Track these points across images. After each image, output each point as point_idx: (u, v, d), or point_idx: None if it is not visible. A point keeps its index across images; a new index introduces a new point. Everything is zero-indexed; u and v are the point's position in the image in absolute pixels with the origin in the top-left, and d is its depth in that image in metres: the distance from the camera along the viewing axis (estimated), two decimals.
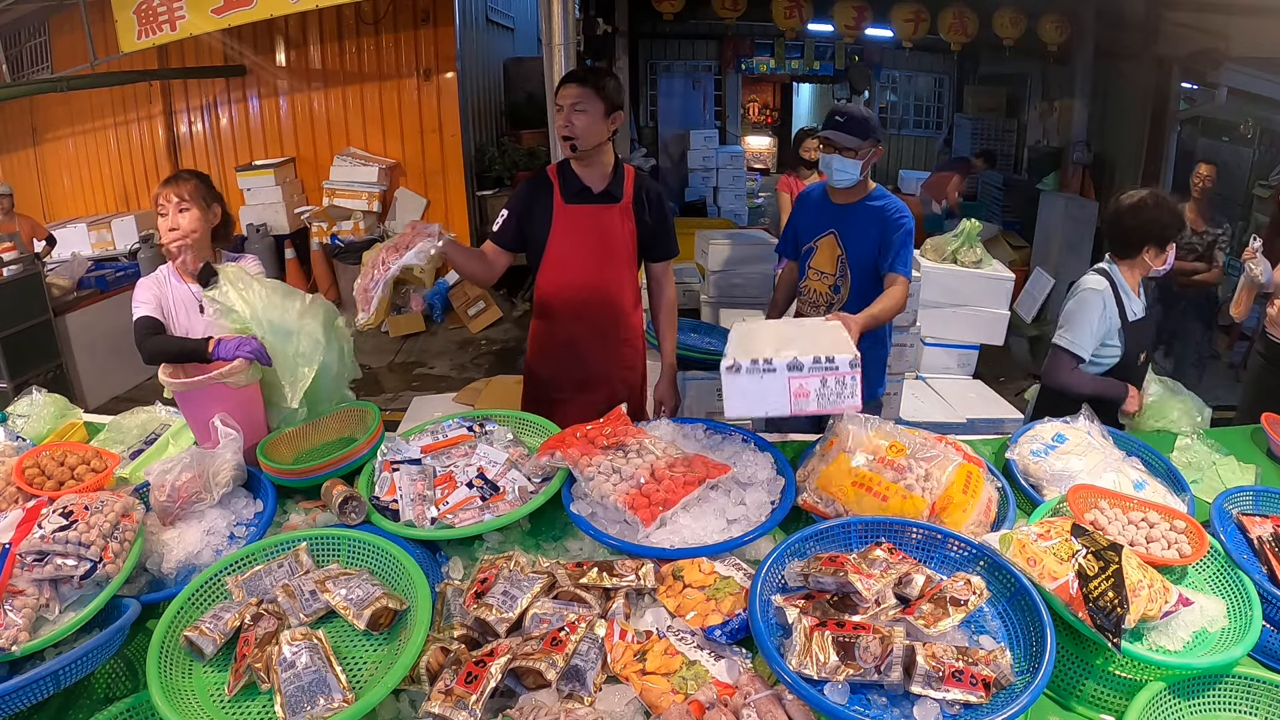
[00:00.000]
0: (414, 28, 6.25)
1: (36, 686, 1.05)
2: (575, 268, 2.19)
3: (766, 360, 1.51)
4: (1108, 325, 2.14)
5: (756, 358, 1.52)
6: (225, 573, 1.29)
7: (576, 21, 3.70)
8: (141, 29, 4.95)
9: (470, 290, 6.27)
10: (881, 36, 7.65)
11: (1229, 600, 1.24)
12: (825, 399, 1.51)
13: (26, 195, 6.58)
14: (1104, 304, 2.13)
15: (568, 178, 2.16)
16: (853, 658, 1.02)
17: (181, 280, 2.16)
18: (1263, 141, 5.58)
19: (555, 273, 2.20)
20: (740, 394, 1.54)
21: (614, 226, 2.18)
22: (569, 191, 2.15)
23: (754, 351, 1.57)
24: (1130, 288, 2.18)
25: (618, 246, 2.20)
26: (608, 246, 2.19)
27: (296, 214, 6.44)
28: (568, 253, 2.18)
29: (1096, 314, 2.12)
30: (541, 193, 2.17)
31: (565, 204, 2.15)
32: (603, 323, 2.25)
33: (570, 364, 2.26)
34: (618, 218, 2.18)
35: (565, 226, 2.16)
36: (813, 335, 1.70)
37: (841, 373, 1.49)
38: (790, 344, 1.61)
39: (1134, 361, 2.19)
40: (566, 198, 2.15)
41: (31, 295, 4.39)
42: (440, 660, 1.12)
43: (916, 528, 1.31)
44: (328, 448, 1.79)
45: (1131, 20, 6.17)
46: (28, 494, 1.43)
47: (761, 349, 1.58)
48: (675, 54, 9.53)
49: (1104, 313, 2.13)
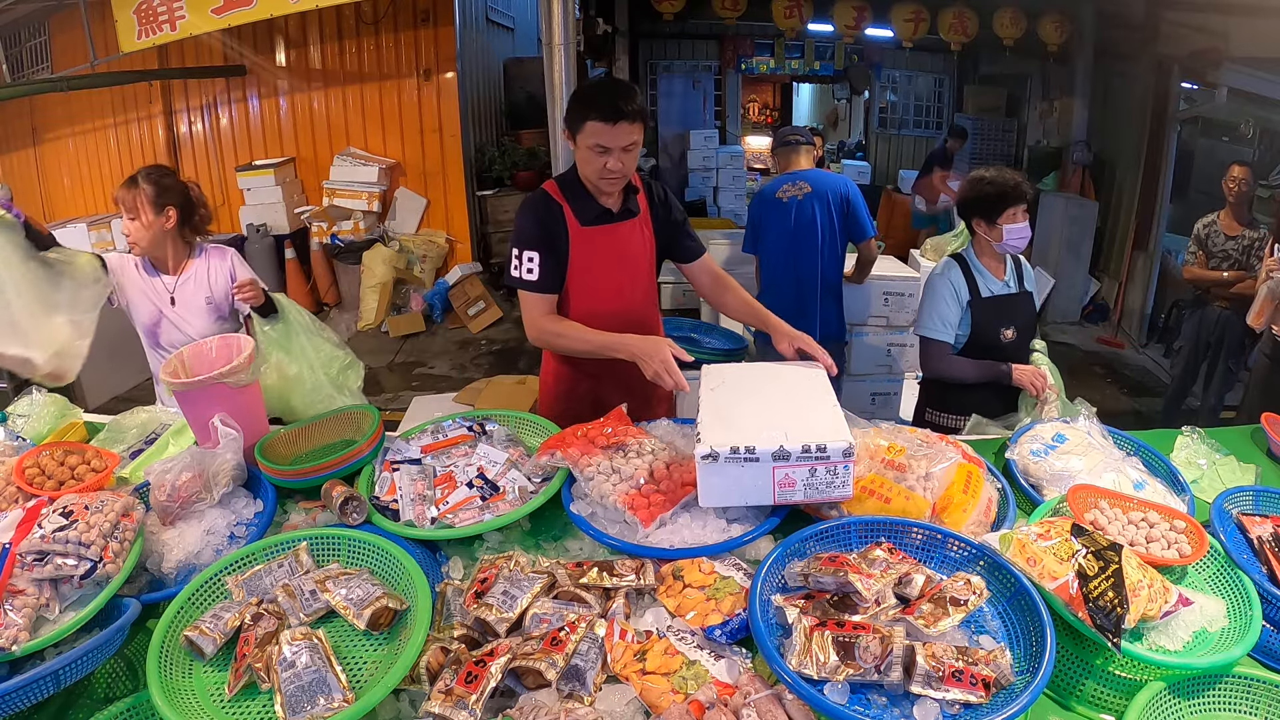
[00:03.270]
0: (414, 28, 6.25)
1: (36, 686, 1.05)
2: (599, 295, 1.97)
3: (749, 449, 1.32)
4: (960, 304, 2.23)
5: (737, 445, 1.32)
6: (225, 572, 1.29)
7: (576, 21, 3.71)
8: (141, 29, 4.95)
9: (470, 290, 6.27)
10: (881, 36, 7.65)
11: (1229, 600, 1.24)
12: (814, 489, 1.34)
13: (26, 195, 6.58)
14: (950, 285, 2.24)
15: (579, 199, 1.93)
16: (853, 658, 1.02)
17: (156, 272, 2.26)
18: (1263, 141, 5.58)
19: (577, 303, 1.98)
20: (718, 483, 1.35)
21: (635, 242, 2.01)
22: (585, 214, 1.93)
23: (733, 430, 1.37)
24: (985, 266, 2.27)
25: (641, 262, 2.03)
26: (632, 265, 2.01)
27: (296, 214, 6.43)
28: (590, 280, 1.97)
29: (941, 297, 2.24)
30: (553, 218, 1.93)
31: (582, 227, 1.93)
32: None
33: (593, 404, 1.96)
34: (638, 231, 2.01)
35: (586, 253, 1.95)
36: (799, 405, 1.49)
37: (833, 462, 1.32)
38: (774, 417, 1.41)
39: (995, 337, 2.24)
40: (583, 220, 1.93)
41: None
42: (440, 660, 1.12)
43: (916, 528, 1.31)
44: (328, 449, 1.79)
45: (1131, 20, 6.17)
46: (28, 494, 1.43)
47: (741, 428, 1.38)
48: (675, 54, 9.53)
49: (951, 293, 2.23)
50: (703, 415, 1.46)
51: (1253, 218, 3.90)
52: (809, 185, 3.26)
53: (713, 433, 1.37)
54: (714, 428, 1.39)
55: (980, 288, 2.24)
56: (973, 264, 2.27)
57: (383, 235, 6.42)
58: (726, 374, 1.66)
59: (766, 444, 1.32)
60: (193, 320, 2.29)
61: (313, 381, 2.15)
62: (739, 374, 1.68)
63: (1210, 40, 5.25)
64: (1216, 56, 5.19)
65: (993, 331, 2.24)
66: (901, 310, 3.65)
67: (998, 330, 2.24)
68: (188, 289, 2.30)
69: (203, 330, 2.27)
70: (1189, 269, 4.01)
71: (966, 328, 2.25)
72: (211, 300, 2.32)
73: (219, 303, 2.33)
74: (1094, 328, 6.39)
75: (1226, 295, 3.90)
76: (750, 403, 1.51)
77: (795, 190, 3.27)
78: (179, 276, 2.30)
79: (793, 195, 3.26)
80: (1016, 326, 2.26)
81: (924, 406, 2.45)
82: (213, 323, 2.32)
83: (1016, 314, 2.28)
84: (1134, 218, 6.21)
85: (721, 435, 1.35)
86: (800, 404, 1.50)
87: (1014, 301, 2.29)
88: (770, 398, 1.53)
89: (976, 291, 2.24)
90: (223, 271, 2.34)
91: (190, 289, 2.30)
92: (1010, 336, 2.25)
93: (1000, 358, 2.21)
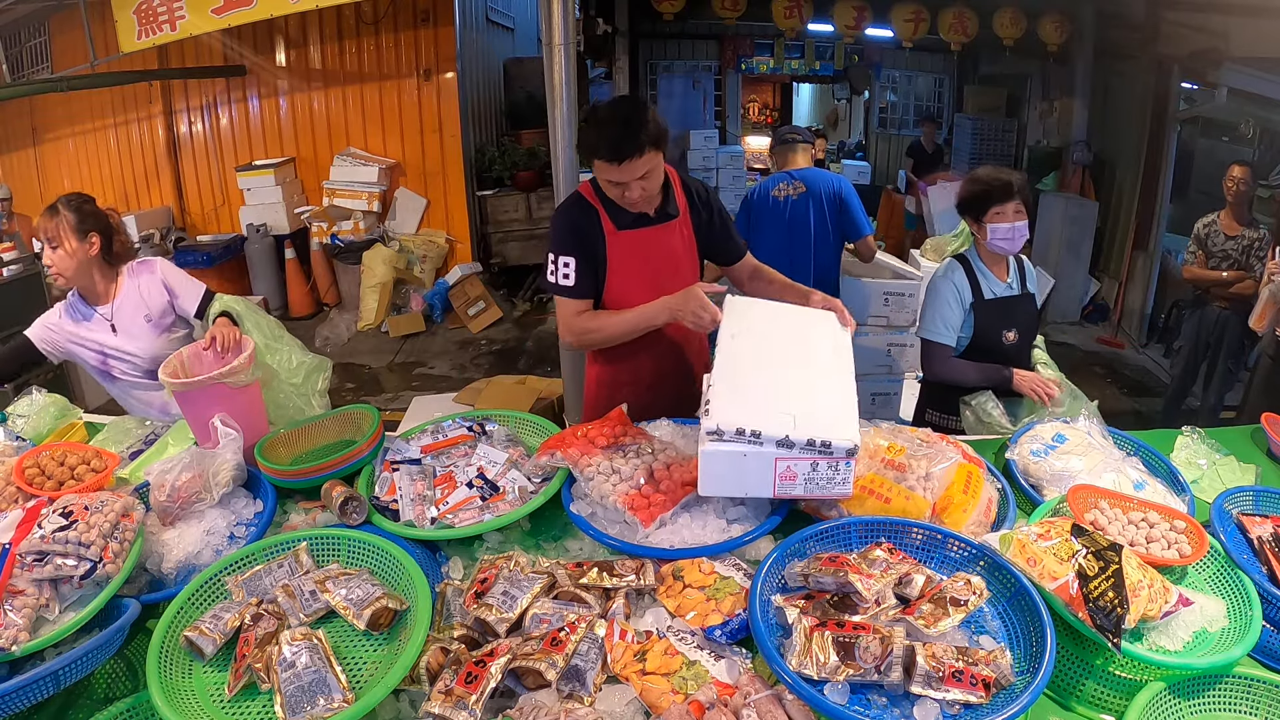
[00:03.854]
0: (414, 28, 6.25)
1: (36, 686, 1.05)
2: (638, 300, 1.86)
3: (754, 433, 1.29)
4: (963, 307, 2.21)
5: (744, 428, 1.29)
6: (225, 573, 1.29)
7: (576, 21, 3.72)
8: (141, 29, 4.95)
9: (470, 290, 6.27)
10: (881, 36, 7.65)
11: (1229, 600, 1.24)
12: (814, 484, 1.33)
13: (26, 195, 6.57)
14: (953, 287, 2.21)
15: (614, 202, 1.85)
16: (853, 658, 1.02)
17: (90, 307, 2.19)
18: (1263, 141, 5.58)
19: (616, 308, 1.91)
20: (719, 470, 1.33)
21: (675, 245, 1.93)
22: (621, 218, 1.87)
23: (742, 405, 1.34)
24: (988, 267, 2.25)
25: (683, 266, 1.94)
26: (674, 269, 1.92)
27: (296, 214, 6.44)
28: (628, 285, 1.89)
29: (944, 299, 2.21)
30: (589, 221, 1.87)
31: (618, 231, 1.87)
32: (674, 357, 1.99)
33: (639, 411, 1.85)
34: (677, 233, 1.93)
35: (623, 256, 1.88)
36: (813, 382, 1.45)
37: (836, 458, 1.30)
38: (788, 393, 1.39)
39: (997, 340, 2.23)
40: (619, 224, 1.87)
41: (32, 295, 4.41)
42: (440, 660, 1.12)
43: (916, 528, 1.31)
44: (328, 449, 1.79)
45: (1131, 20, 6.17)
46: (28, 494, 1.43)
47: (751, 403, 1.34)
48: (675, 54, 9.52)
49: (954, 295, 2.21)
50: (717, 375, 1.42)
51: (1253, 218, 3.89)
52: (804, 184, 3.27)
53: (722, 406, 1.33)
54: (724, 398, 1.35)
55: (984, 289, 2.23)
56: (975, 265, 2.25)
57: (383, 235, 6.42)
58: (752, 315, 1.61)
59: (774, 429, 1.29)
60: (139, 342, 2.19)
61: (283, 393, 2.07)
62: (763, 317, 1.62)
63: (1210, 40, 5.24)
64: (1216, 56, 5.19)
65: (995, 334, 2.23)
66: (902, 310, 3.65)
67: (1000, 332, 2.23)
68: (125, 312, 2.19)
69: (152, 350, 2.18)
70: (1189, 269, 4.00)
71: (969, 330, 2.24)
72: (151, 317, 2.21)
73: (158, 319, 2.23)
74: (1094, 328, 6.39)
75: (1226, 295, 3.90)
76: (766, 368, 1.46)
77: (790, 189, 3.28)
78: (113, 303, 2.19)
79: (787, 194, 3.28)
80: (1019, 328, 2.25)
81: (924, 407, 2.45)
82: (158, 338, 2.22)
83: (1019, 316, 2.27)
84: (1134, 218, 6.21)
85: (730, 412, 1.32)
86: (815, 380, 1.46)
87: (1016, 303, 2.28)
88: (788, 361, 1.49)
89: (979, 293, 2.22)
90: (155, 285, 2.23)
91: (128, 312, 2.19)
92: (1012, 339, 2.24)
93: (1002, 359, 2.21)
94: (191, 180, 6.82)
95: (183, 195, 6.86)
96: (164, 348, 2.17)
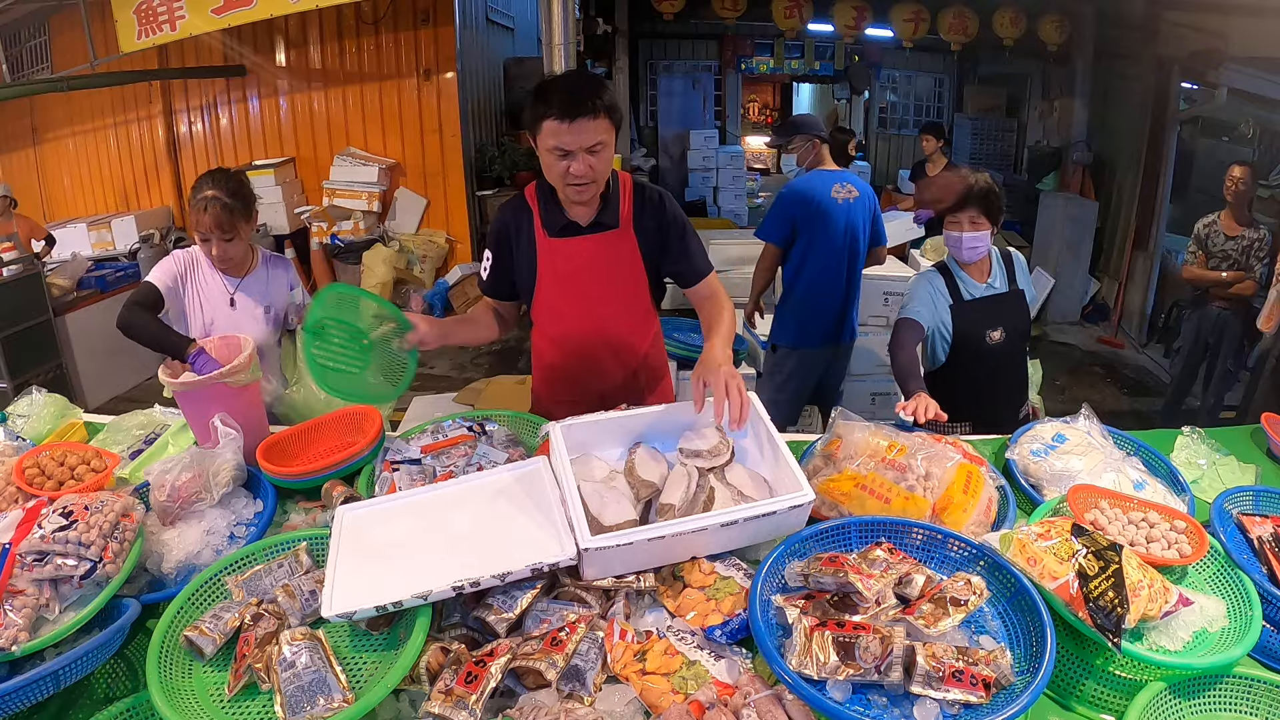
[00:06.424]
0: (414, 28, 6.25)
1: (36, 686, 1.05)
2: (567, 315, 1.81)
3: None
4: (941, 303, 2.21)
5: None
6: (225, 573, 1.29)
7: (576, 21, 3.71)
8: (141, 29, 4.96)
9: (470, 290, 6.27)
10: (881, 36, 7.65)
11: (1229, 600, 1.24)
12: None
13: (26, 195, 6.57)
14: (929, 284, 2.23)
15: (549, 206, 1.76)
16: (853, 658, 1.02)
17: (214, 270, 2.15)
18: (1263, 141, 5.58)
19: (548, 323, 1.86)
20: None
21: (610, 258, 1.79)
22: (552, 224, 1.76)
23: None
24: (965, 271, 2.25)
25: (622, 281, 1.81)
26: (605, 283, 1.80)
27: (296, 214, 6.44)
28: (556, 298, 1.81)
29: (923, 290, 2.22)
30: (522, 221, 1.79)
31: (549, 238, 1.77)
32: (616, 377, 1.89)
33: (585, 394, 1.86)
34: (613, 246, 1.78)
35: (551, 265, 1.78)
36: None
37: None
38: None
39: (981, 340, 2.22)
40: (550, 230, 1.77)
41: (32, 295, 4.40)
42: (440, 660, 1.12)
43: (917, 528, 1.31)
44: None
45: (1131, 20, 6.17)
46: (28, 494, 1.43)
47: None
48: (675, 54, 9.53)
49: (931, 290, 2.21)
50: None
51: (1253, 218, 3.89)
52: (855, 190, 3.08)
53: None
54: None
55: (961, 292, 2.21)
56: (954, 270, 2.24)
57: (383, 235, 6.42)
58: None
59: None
60: (248, 327, 2.13)
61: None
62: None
63: (1210, 40, 5.25)
64: (1216, 56, 5.19)
65: (978, 334, 2.20)
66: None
67: (984, 332, 2.20)
68: (249, 293, 2.18)
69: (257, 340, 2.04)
70: (1188, 269, 4.00)
71: (950, 333, 2.21)
72: (271, 309, 2.21)
73: (277, 313, 2.23)
74: (1094, 328, 6.39)
75: (1226, 295, 3.90)
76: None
77: (846, 193, 3.07)
78: (242, 279, 2.17)
79: (845, 198, 3.06)
80: (1004, 327, 2.21)
81: None
82: (269, 331, 2.20)
83: (1004, 314, 2.23)
84: (1134, 218, 6.21)
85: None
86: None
87: (1000, 301, 2.24)
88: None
89: (958, 295, 2.20)
90: (283, 283, 2.25)
91: (252, 294, 2.19)
92: (997, 338, 2.20)
93: (990, 360, 2.20)
94: (191, 180, 6.73)
95: (183, 195, 6.85)
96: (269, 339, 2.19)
